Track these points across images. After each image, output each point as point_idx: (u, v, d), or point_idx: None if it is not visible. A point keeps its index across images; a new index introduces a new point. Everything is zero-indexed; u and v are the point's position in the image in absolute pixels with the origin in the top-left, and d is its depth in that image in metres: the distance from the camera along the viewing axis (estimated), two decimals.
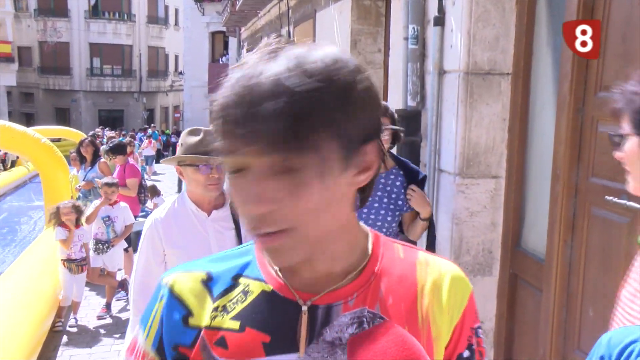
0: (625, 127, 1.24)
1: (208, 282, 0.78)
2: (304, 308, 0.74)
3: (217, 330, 0.75)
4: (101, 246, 5.55)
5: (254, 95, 0.61)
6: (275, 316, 0.74)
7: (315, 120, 0.62)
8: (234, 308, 0.76)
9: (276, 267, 0.77)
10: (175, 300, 0.78)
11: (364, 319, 0.74)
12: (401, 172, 2.65)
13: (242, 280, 0.78)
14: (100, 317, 5.55)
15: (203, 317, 0.76)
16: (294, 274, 0.76)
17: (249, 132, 0.61)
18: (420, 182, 2.66)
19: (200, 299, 0.77)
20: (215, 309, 0.76)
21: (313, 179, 0.64)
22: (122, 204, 5.66)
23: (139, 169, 6.66)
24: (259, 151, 0.62)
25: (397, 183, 2.62)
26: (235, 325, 0.74)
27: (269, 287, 0.76)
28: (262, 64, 0.64)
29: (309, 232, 0.67)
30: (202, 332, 0.75)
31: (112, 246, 5.59)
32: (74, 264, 5.21)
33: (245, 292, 0.77)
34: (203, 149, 2.08)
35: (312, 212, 0.65)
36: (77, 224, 5.22)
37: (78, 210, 5.22)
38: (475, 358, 0.81)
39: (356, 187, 0.71)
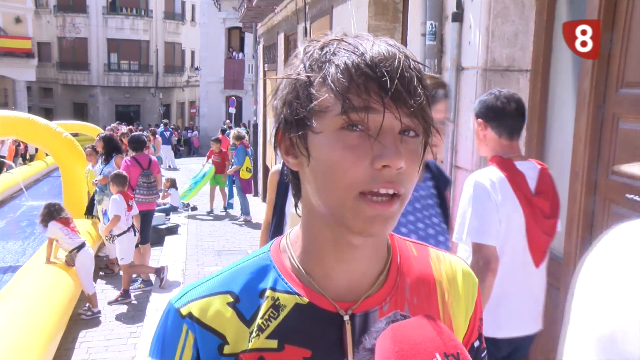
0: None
1: (236, 303, 0.74)
2: (346, 318, 0.72)
3: (255, 352, 0.71)
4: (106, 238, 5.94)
5: (397, 63, 0.65)
6: (314, 329, 0.72)
7: (429, 98, 0.68)
8: (268, 326, 0.72)
9: (309, 278, 0.74)
10: (207, 330, 0.72)
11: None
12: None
13: (269, 294, 0.74)
14: (110, 303, 5.69)
15: (238, 342, 0.72)
16: (328, 283, 0.74)
17: (403, 93, 0.64)
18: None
19: (232, 323, 0.73)
20: (251, 332, 0.72)
21: (423, 148, 0.70)
22: (114, 196, 5.70)
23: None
24: (408, 112, 0.65)
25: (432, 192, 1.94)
26: (273, 344, 0.71)
27: (304, 300, 0.73)
28: (369, 42, 0.67)
29: (404, 204, 0.69)
30: (240, 356, 0.72)
31: (106, 237, 5.89)
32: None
33: (277, 307, 0.73)
34: None
35: (414, 181, 0.69)
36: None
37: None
38: (482, 346, 0.85)
39: None
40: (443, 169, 2.00)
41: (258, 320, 0.73)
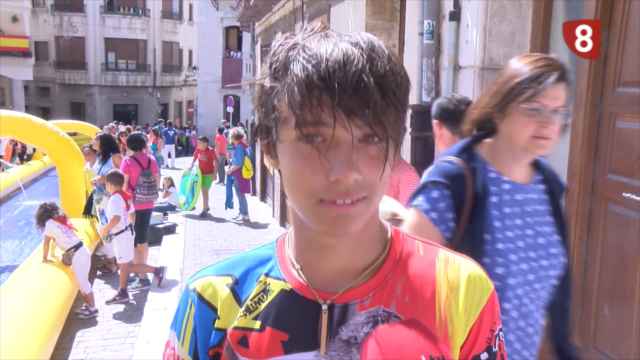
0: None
1: (234, 285, 0.80)
2: (324, 307, 0.74)
3: (240, 330, 0.77)
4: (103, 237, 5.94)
5: (353, 71, 0.63)
6: (293, 315, 0.75)
7: (400, 99, 0.66)
8: (256, 308, 0.77)
9: (298, 267, 0.77)
10: (205, 305, 0.80)
11: (379, 318, 0.74)
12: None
13: (263, 279, 0.79)
14: (108, 302, 5.67)
15: (229, 320, 0.78)
16: (314, 272, 0.76)
17: (356, 104, 0.63)
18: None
19: (227, 303, 0.79)
20: (241, 311, 0.78)
21: (390, 153, 0.68)
22: (115, 196, 5.67)
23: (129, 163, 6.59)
24: (363, 122, 0.64)
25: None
26: (256, 324, 0.76)
27: (288, 286, 0.77)
28: (331, 44, 0.65)
29: (375, 203, 0.70)
30: (227, 332, 0.77)
31: (103, 236, 5.85)
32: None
33: (266, 292, 0.78)
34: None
35: (382, 184, 0.69)
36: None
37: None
38: None
39: None
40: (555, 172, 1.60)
41: (248, 302, 0.78)
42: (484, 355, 0.78)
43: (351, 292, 0.75)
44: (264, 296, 0.77)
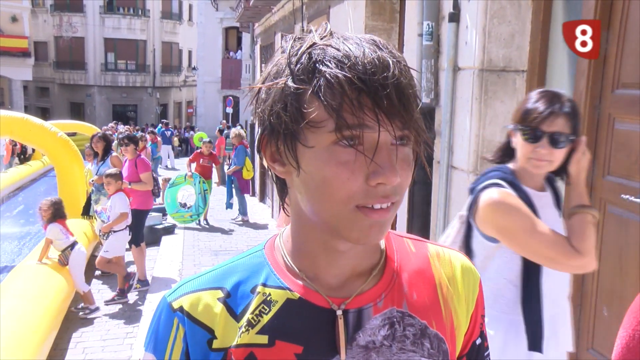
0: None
1: (227, 299, 0.73)
2: (339, 312, 0.71)
3: (244, 348, 0.71)
4: (101, 235, 5.89)
5: (392, 73, 0.62)
6: (305, 325, 0.71)
7: (419, 101, 0.67)
8: (259, 321, 0.72)
9: (302, 274, 0.74)
10: (196, 324, 0.72)
11: (395, 319, 0.73)
12: None
13: (261, 289, 0.73)
14: (107, 302, 5.66)
15: (228, 337, 0.72)
16: (319, 278, 0.74)
17: (396, 106, 0.62)
18: None
19: (222, 318, 0.72)
20: (240, 327, 0.72)
21: (414, 155, 0.69)
22: (120, 194, 5.63)
23: (149, 162, 6.67)
24: (401, 124, 0.64)
25: None
26: (264, 339, 0.71)
27: (295, 295, 0.72)
28: (356, 46, 0.64)
29: (399, 206, 0.69)
30: (230, 351, 0.71)
31: (103, 234, 5.80)
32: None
33: (268, 303, 0.72)
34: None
35: (408, 186, 0.69)
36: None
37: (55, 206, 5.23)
38: (485, 344, 0.84)
39: None
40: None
41: (248, 316, 0.72)
42: (478, 341, 0.82)
43: (363, 295, 0.73)
44: (266, 308, 0.72)
